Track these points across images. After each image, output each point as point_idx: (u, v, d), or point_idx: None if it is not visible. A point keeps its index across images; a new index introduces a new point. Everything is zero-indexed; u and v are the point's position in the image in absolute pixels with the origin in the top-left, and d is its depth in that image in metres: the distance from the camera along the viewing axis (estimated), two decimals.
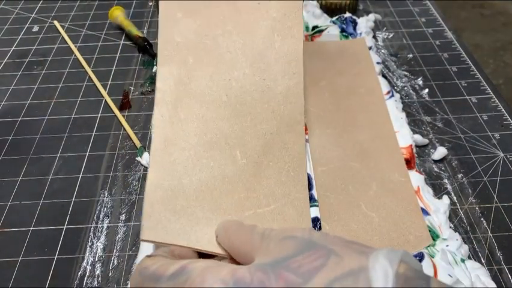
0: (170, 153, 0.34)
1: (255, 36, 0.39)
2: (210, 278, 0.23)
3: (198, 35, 0.38)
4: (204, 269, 0.24)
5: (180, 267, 0.25)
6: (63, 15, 0.65)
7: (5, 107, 0.50)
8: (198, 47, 0.38)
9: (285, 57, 0.39)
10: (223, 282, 0.23)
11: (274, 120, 0.38)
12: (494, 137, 0.45)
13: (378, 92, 0.48)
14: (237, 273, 0.23)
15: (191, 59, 0.38)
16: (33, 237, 0.37)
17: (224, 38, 0.39)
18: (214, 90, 0.37)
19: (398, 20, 0.63)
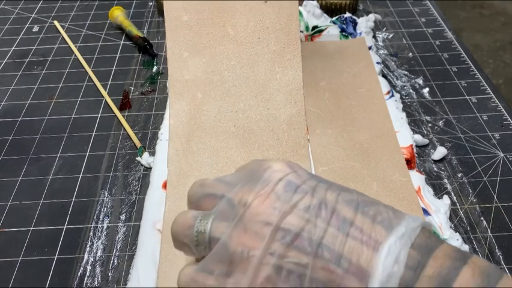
0: (185, 184, 0.38)
1: (258, 69, 0.41)
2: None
3: (205, 72, 0.41)
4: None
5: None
6: (63, 15, 0.65)
7: (5, 107, 0.50)
8: (205, 82, 0.41)
9: (287, 87, 0.42)
10: None
11: (280, 146, 0.41)
12: (494, 137, 0.45)
13: (379, 92, 0.48)
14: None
15: (200, 95, 0.41)
16: (33, 237, 0.37)
17: (229, 72, 0.42)
18: (222, 122, 0.40)
19: (398, 20, 0.63)
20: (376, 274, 0.21)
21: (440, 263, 0.22)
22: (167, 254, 0.34)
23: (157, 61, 0.56)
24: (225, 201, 0.25)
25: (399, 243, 0.22)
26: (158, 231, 0.36)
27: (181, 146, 0.40)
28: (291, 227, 0.23)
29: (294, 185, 0.24)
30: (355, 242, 0.22)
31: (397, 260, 0.21)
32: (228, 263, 0.24)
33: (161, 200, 0.38)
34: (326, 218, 0.23)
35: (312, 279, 0.22)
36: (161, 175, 0.40)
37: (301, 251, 0.23)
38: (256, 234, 0.23)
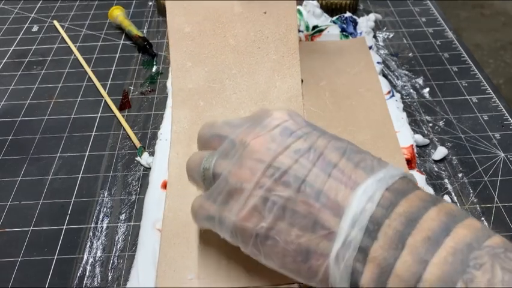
0: (185, 185, 0.37)
1: (258, 78, 0.43)
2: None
3: (207, 81, 0.43)
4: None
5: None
6: (62, 15, 0.65)
7: (4, 107, 0.50)
8: (207, 91, 0.42)
9: (286, 94, 0.43)
10: None
11: None
12: (494, 137, 0.45)
13: (379, 92, 0.48)
14: None
15: (202, 103, 0.42)
16: (33, 237, 0.37)
17: (230, 81, 0.43)
18: None
19: (398, 19, 0.62)
20: (350, 209, 0.24)
21: (410, 204, 0.24)
22: (166, 253, 0.34)
23: (157, 61, 0.56)
24: (228, 142, 0.29)
25: (375, 185, 0.24)
26: (158, 231, 0.36)
27: (182, 150, 0.41)
28: (281, 165, 0.26)
29: (290, 130, 0.27)
30: (335, 181, 0.25)
31: (371, 199, 0.24)
32: (227, 193, 0.28)
33: (161, 200, 0.38)
34: (313, 160, 0.26)
35: (293, 211, 0.25)
36: (161, 175, 0.40)
37: (287, 186, 0.25)
38: (250, 169, 0.27)
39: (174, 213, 0.37)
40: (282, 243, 0.26)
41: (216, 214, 0.28)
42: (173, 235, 0.35)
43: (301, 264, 0.26)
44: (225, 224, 0.28)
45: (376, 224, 0.23)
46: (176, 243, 0.35)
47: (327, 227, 0.24)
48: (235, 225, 0.27)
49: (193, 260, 0.33)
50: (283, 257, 0.26)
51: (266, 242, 0.26)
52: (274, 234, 0.26)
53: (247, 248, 0.28)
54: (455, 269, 0.21)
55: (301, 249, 0.25)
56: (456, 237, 0.22)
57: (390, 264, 0.23)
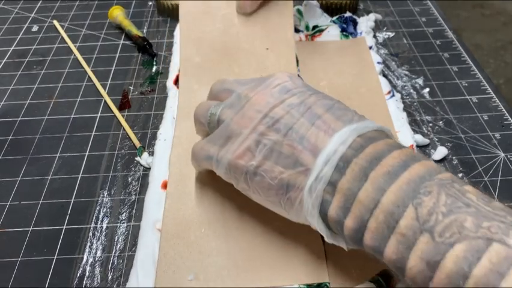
0: (185, 185, 0.39)
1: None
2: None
3: None
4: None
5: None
6: (62, 14, 0.64)
7: (4, 107, 0.50)
8: None
9: None
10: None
11: None
12: (494, 137, 0.45)
13: (379, 92, 0.48)
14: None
15: None
16: (33, 237, 0.37)
17: None
18: None
19: (398, 19, 0.62)
20: (325, 150, 0.28)
21: (377, 147, 0.28)
22: (166, 254, 0.34)
23: (157, 61, 0.56)
24: (235, 95, 0.34)
25: (349, 132, 0.28)
26: (158, 231, 0.36)
27: (183, 152, 0.41)
28: (275, 115, 0.31)
29: (287, 89, 0.32)
30: (317, 129, 0.29)
31: (344, 142, 0.28)
32: (226, 137, 0.33)
33: (161, 200, 0.38)
34: (302, 112, 0.30)
35: (279, 152, 0.30)
36: (161, 175, 0.40)
37: (277, 132, 0.30)
38: (249, 118, 0.31)
39: (174, 214, 0.37)
40: (267, 179, 0.30)
41: (215, 154, 0.33)
42: (173, 235, 0.35)
43: (282, 196, 0.30)
44: (221, 162, 0.33)
45: (345, 162, 0.28)
46: (176, 244, 0.35)
47: (305, 165, 0.29)
48: (229, 163, 0.32)
49: (193, 260, 0.33)
50: (267, 191, 0.31)
51: (254, 178, 0.31)
52: (262, 171, 0.31)
53: (239, 183, 0.33)
54: (407, 195, 0.25)
55: (282, 183, 0.30)
56: (412, 172, 0.26)
57: (354, 193, 0.27)
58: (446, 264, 0.22)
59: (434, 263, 0.23)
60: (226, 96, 0.35)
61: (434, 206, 0.24)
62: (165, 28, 0.61)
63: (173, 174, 0.40)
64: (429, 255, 0.23)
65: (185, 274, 0.33)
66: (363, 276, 0.33)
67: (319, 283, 0.32)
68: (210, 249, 0.34)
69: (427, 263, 0.23)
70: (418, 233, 0.24)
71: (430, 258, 0.23)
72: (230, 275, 0.33)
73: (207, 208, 0.37)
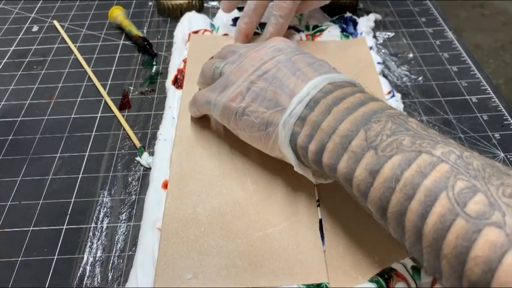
0: (186, 184, 0.39)
1: None
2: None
3: None
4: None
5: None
6: (63, 15, 0.65)
7: (4, 107, 0.50)
8: None
9: None
10: None
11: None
12: (494, 137, 0.45)
13: (379, 92, 0.48)
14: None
15: (207, 117, 0.45)
16: (33, 237, 0.37)
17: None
18: (229, 137, 0.42)
19: (398, 19, 0.62)
20: (299, 93, 0.33)
21: (343, 91, 0.33)
22: (165, 252, 0.34)
23: (157, 61, 0.56)
24: (237, 54, 0.40)
25: (322, 80, 0.33)
26: (159, 231, 0.36)
27: (184, 151, 0.42)
28: (265, 68, 0.36)
29: (279, 49, 0.38)
30: (296, 78, 0.35)
31: (315, 87, 0.33)
32: (224, 85, 0.38)
33: (162, 200, 0.38)
34: (287, 66, 0.36)
35: (263, 96, 0.35)
36: (161, 175, 0.40)
37: (264, 81, 0.36)
38: (245, 70, 0.37)
39: (174, 212, 0.37)
40: (252, 118, 0.36)
41: (213, 99, 0.39)
42: (173, 234, 0.35)
43: (262, 132, 0.35)
44: (217, 105, 0.38)
45: (315, 102, 0.33)
46: (175, 243, 0.35)
47: (282, 105, 0.34)
48: (224, 105, 0.38)
49: (192, 259, 0.34)
50: (251, 128, 0.36)
51: (242, 117, 0.37)
52: (248, 111, 0.36)
53: (230, 123, 0.38)
54: (360, 122, 0.30)
55: (263, 121, 0.35)
56: (367, 107, 0.31)
57: (318, 124, 0.32)
58: (384, 171, 0.27)
59: (375, 171, 0.28)
60: (231, 56, 0.41)
61: (381, 130, 0.29)
62: (165, 28, 0.61)
63: (174, 173, 0.40)
64: (372, 166, 0.28)
65: (184, 273, 0.33)
66: (362, 276, 0.33)
67: (318, 283, 0.32)
68: (209, 248, 0.34)
69: (370, 172, 0.28)
70: (365, 150, 0.29)
71: (372, 167, 0.28)
72: (229, 275, 0.33)
73: (207, 208, 0.37)
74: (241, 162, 0.41)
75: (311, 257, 0.34)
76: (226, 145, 0.42)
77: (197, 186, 0.39)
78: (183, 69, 0.51)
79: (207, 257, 0.34)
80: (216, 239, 0.35)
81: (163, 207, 0.37)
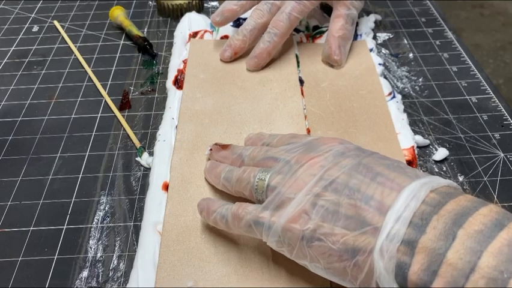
0: (186, 190, 0.39)
1: (261, 104, 0.47)
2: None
3: (213, 106, 0.47)
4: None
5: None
6: (63, 15, 0.65)
7: (5, 107, 0.50)
8: (213, 112, 0.46)
9: (288, 113, 0.46)
10: None
11: None
12: (494, 137, 0.45)
13: (380, 94, 0.48)
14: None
15: (207, 120, 0.45)
16: (33, 237, 0.37)
17: (235, 106, 0.47)
18: (227, 141, 0.43)
19: (398, 20, 0.62)
20: (394, 206, 0.25)
21: (459, 203, 0.25)
22: (166, 259, 0.34)
23: (157, 61, 0.56)
24: (284, 162, 0.32)
25: (420, 186, 0.26)
26: (159, 233, 0.36)
27: (185, 157, 0.41)
28: (331, 176, 0.29)
29: (341, 152, 0.30)
30: (381, 186, 0.27)
31: (415, 197, 0.25)
32: (279, 202, 0.30)
33: (162, 201, 0.38)
34: (360, 171, 0.28)
35: (339, 212, 0.27)
36: (161, 176, 0.40)
37: (335, 192, 0.28)
38: (303, 181, 0.29)
39: (175, 219, 0.36)
40: (328, 243, 0.27)
41: (266, 220, 0.30)
42: (174, 241, 0.35)
43: (347, 262, 0.27)
44: (273, 227, 0.30)
45: (424, 219, 0.25)
46: (176, 250, 0.34)
47: (372, 224, 0.26)
48: (283, 228, 0.29)
49: (193, 266, 0.33)
50: (329, 257, 0.27)
51: (312, 244, 0.28)
52: (320, 235, 0.27)
53: (293, 251, 0.29)
54: (510, 258, 0.22)
55: (346, 247, 0.27)
56: (510, 232, 0.23)
57: (441, 254, 0.23)
58: None
59: None
60: (271, 164, 0.33)
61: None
62: (165, 28, 0.61)
63: (174, 178, 0.40)
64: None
65: (185, 280, 0.33)
66: None
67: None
68: (210, 255, 0.34)
69: None
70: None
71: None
72: (231, 282, 0.33)
73: None
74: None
75: None
76: None
77: (197, 192, 0.38)
78: (183, 69, 0.51)
79: (208, 264, 0.34)
80: (217, 246, 0.35)
81: (163, 209, 0.37)
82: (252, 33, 0.51)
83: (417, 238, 0.24)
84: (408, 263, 0.24)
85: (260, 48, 0.50)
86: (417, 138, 0.44)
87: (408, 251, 0.24)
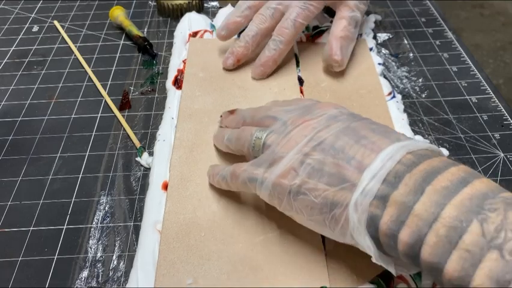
0: (186, 188, 0.39)
1: (261, 103, 0.46)
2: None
3: (213, 105, 0.47)
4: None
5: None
6: (63, 15, 0.65)
7: (5, 107, 0.50)
8: (212, 111, 0.46)
9: None
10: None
11: None
12: (494, 137, 0.45)
13: (380, 93, 0.48)
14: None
15: (206, 119, 0.45)
16: (33, 237, 0.37)
17: (234, 105, 0.46)
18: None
19: (398, 20, 0.62)
20: (371, 166, 0.27)
21: (431, 163, 0.27)
22: (165, 257, 0.34)
23: (157, 61, 0.56)
24: (281, 122, 0.34)
25: (397, 149, 0.27)
26: (159, 232, 0.36)
27: (184, 155, 0.42)
28: (320, 137, 0.31)
29: (333, 116, 0.32)
30: (363, 147, 0.29)
31: (391, 158, 0.27)
32: (272, 160, 0.32)
33: (162, 201, 0.38)
34: (347, 133, 0.30)
35: (323, 170, 0.29)
36: (161, 176, 0.40)
37: (322, 151, 0.30)
38: (295, 141, 0.31)
39: (174, 217, 0.37)
40: (311, 197, 0.30)
41: (259, 176, 0.33)
42: (173, 239, 0.35)
43: (326, 214, 0.29)
44: (265, 182, 0.32)
45: (397, 177, 0.27)
46: (176, 247, 0.34)
47: (350, 180, 0.28)
48: (274, 183, 0.31)
49: (193, 264, 0.33)
50: (311, 210, 0.30)
51: (298, 197, 0.30)
52: (305, 189, 0.30)
53: (282, 204, 0.32)
54: (470, 209, 0.24)
55: (326, 201, 0.29)
56: (473, 188, 0.25)
57: (409, 207, 0.25)
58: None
59: (505, 282, 0.22)
60: (270, 123, 0.35)
61: (502, 223, 0.23)
62: (165, 28, 0.61)
63: (174, 177, 0.40)
64: (498, 273, 0.22)
65: (184, 278, 0.33)
66: (363, 277, 0.33)
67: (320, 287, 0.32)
68: (209, 253, 0.34)
69: (497, 282, 0.22)
70: (485, 249, 0.22)
71: (500, 277, 0.22)
72: (230, 280, 0.33)
73: (207, 212, 0.37)
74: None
75: (312, 260, 0.34)
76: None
77: (197, 190, 0.39)
78: (183, 69, 0.51)
79: (208, 261, 0.34)
80: (217, 244, 0.35)
81: (163, 208, 0.37)
82: (255, 40, 0.50)
83: (389, 193, 0.26)
84: (379, 215, 0.26)
85: (266, 56, 0.49)
86: (418, 138, 0.44)
87: (380, 205, 0.26)
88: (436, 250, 0.24)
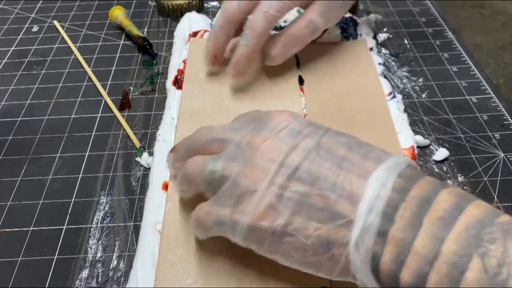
0: None
1: (261, 103, 0.47)
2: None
3: (213, 105, 0.47)
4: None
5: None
6: (63, 15, 0.65)
7: (4, 107, 0.50)
8: (212, 111, 0.46)
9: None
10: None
11: None
12: (494, 137, 0.45)
13: (380, 93, 0.48)
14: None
15: (206, 119, 0.45)
16: (33, 237, 0.37)
17: (234, 105, 0.47)
18: None
19: (398, 20, 0.62)
20: (365, 196, 0.25)
21: (422, 187, 0.25)
22: (165, 257, 0.34)
23: (157, 61, 0.56)
24: (234, 145, 0.29)
25: (386, 172, 0.26)
26: (159, 232, 0.36)
27: None
28: (293, 162, 0.27)
29: (296, 131, 0.29)
30: (347, 173, 0.26)
31: (384, 185, 0.25)
32: (238, 196, 0.28)
33: (162, 201, 0.38)
34: (322, 156, 0.27)
35: (309, 205, 0.26)
36: (161, 176, 0.40)
37: (301, 181, 0.26)
38: (263, 170, 0.27)
39: (174, 217, 0.36)
40: (301, 238, 0.26)
41: (227, 218, 0.28)
42: (173, 239, 0.35)
43: (322, 255, 0.26)
44: (238, 226, 0.28)
45: (392, 208, 0.25)
46: (176, 247, 0.34)
47: (345, 216, 0.25)
48: (250, 226, 0.27)
49: (193, 264, 0.33)
50: (303, 252, 0.27)
51: (284, 239, 0.27)
52: (292, 230, 0.26)
53: (262, 248, 0.28)
54: (469, 243, 0.23)
55: (321, 241, 0.26)
56: (468, 215, 0.24)
57: (408, 243, 0.24)
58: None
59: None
60: (219, 148, 0.30)
61: (503, 256, 0.22)
62: (165, 28, 0.61)
63: None
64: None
65: (184, 278, 0.33)
66: None
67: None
68: (210, 254, 0.34)
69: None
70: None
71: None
72: (230, 280, 0.32)
73: None
74: None
75: None
76: None
77: None
78: (183, 69, 0.51)
79: (208, 262, 0.34)
80: (217, 244, 0.34)
81: (163, 209, 0.37)
82: (224, 30, 0.46)
83: (388, 228, 0.24)
84: (380, 253, 0.24)
85: (238, 54, 0.45)
86: (418, 138, 0.44)
87: (380, 242, 0.25)
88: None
